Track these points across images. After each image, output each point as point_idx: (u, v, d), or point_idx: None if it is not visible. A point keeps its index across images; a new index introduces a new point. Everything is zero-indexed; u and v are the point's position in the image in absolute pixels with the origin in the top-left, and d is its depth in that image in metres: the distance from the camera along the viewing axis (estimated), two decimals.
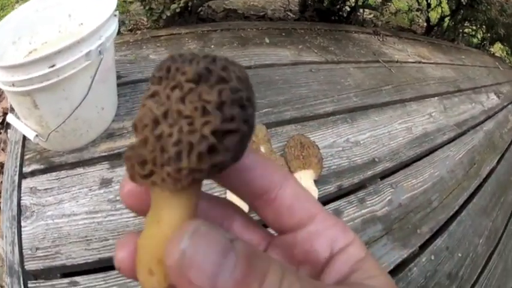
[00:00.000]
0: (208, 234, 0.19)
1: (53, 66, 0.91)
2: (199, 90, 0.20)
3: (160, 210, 0.22)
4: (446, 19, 3.28)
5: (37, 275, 0.94)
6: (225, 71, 0.21)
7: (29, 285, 0.91)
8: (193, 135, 0.20)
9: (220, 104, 0.20)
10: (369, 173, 1.38)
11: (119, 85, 1.31)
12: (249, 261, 0.19)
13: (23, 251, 0.96)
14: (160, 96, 0.21)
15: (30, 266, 0.93)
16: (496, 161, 1.93)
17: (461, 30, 3.44)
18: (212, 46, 1.73)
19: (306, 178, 1.18)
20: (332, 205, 1.23)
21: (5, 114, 1.65)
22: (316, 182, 1.21)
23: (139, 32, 1.68)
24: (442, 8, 3.21)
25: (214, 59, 0.21)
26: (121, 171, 1.13)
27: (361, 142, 1.49)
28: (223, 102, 0.20)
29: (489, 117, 2.24)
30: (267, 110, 1.46)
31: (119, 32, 1.15)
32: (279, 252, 0.28)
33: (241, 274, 0.18)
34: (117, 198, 1.07)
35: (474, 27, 3.47)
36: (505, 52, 3.87)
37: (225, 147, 0.20)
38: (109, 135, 1.22)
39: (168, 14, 1.66)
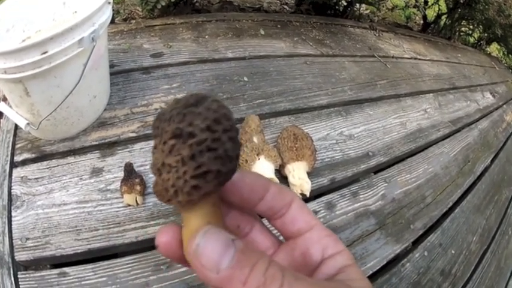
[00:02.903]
0: (215, 234, 0.27)
1: (45, 52, 0.89)
2: (177, 146, 0.27)
3: (184, 219, 0.30)
4: (443, 17, 3.28)
5: (27, 265, 0.93)
6: (191, 126, 0.27)
7: (19, 276, 0.90)
8: (180, 180, 0.27)
9: (192, 156, 0.27)
10: (363, 166, 1.37)
11: (111, 74, 1.30)
12: (243, 254, 0.26)
13: (13, 241, 0.94)
14: (158, 149, 0.29)
15: (20, 256, 0.92)
16: (490, 159, 1.94)
17: (457, 29, 3.44)
18: (206, 36, 1.72)
19: (298, 170, 1.17)
20: (325, 198, 1.22)
21: None
22: (309, 174, 1.20)
23: (133, 21, 1.67)
24: (439, 6, 3.21)
25: (184, 114, 0.28)
26: (112, 161, 1.12)
27: (355, 136, 1.48)
28: (193, 155, 0.27)
29: (484, 116, 2.25)
30: (260, 101, 1.46)
31: (113, 22, 1.14)
32: (284, 254, 0.35)
33: (237, 261, 0.25)
34: (108, 187, 1.06)
35: (471, 27, 3.47)
36: (501, 52, 3.88)
37: (205, 181, 0.27)
38: (100, 124, 1.20)
39: (163, 3, 1.65)
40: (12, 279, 0.88)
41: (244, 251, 0.26)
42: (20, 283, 0.88)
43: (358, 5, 2.67)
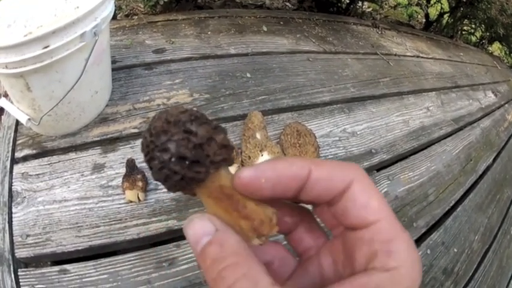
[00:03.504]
0: (200, 220, 0.29)
1: (47, 47, 0.89)
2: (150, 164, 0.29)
3: None
4: (446, 16, 3.27)
5: (27, 262, 0.93)
6: (164, 151, 0.28)
7: (19, 273, 0.89)
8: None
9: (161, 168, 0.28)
10: (366, 164, 1.36)
11: (113, 70, 1.29)
12: (219, 237, 0.27)
13: (14, 238, 0.94)
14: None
15: (20, 253, 0.92)
16: (492, 158, 1.93)
17: (460, 28, 3.43)
18: (209, 33, 1.71)
19: None
20: None
21: None
22: None
23: (135, 17, 1.66)
24: (441, 4, 3.20)
25: (156, 144, 0.29)
26: (113, 157, 1.11)
27: (358, 133, 1.47)
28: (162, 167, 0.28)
29: (486, 115, 2.24)
30: (263, 97, 1.45)
31: (115, 18, 1.13)
32: (326, 256, 0.31)
33: (214, 241, 0.27)
34: (109, 184, 1.05)
35: (473, 26, 3.46)
36: (503, 52, 3.87)
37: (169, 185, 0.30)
38: (102, 119, 1.20)
39: None
40: (13, 276, 0.88)
41: (221, 236, 0.28)
42: (20, 280, 0.88)
43: (360, 2, 2.66)
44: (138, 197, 1.01)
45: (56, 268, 0.90)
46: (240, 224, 0.29)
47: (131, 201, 1.01)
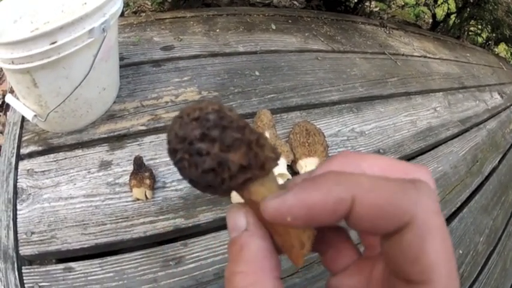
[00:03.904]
0: (234, 213, 0.28)
1: (54, 42, 0.88)
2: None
3: None
4: (452, 16, 3.26)
5: (31, 260, 0.92)
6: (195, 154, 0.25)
7: (23, 270, 0.88)
8: None
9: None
10: None
11: (121, 67, 1.28)
12: (243, 240, 0.27)
13: (18, 235, 0.93)
14: None
15: (24, 250, 0.91)
16: (498, 160, 1.92)
17: (466, 29, 3.42)
18: (217, 30, 1.70)
19: (311, 166, 1.15)
20: None
21: (4, 96, 1.63)
22: None
23: (143, 14, 1.65)
24: (448, 4, 3.19)
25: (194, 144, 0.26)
26: (120, 154, 1.10)
27: (366, 132, 1.46)
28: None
29: (492, 116, 2.23)
30: (272, 95, 1.44)
31: (122, 15, 1.12)
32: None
33: (237, 241, 0.27)
34: (116, 181, 1.04)
35: (480, 26, 3.44)
36: (509, 53, 3.86)
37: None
38: (109, 116, 1.19)
39: None
40: (16, 273, 0.87)
41: (244, 234, 0.27)
42: (24, 278, 0.87)
43: (368, 1, 2.65)
44: (146, 195, 1.00)
45: (61, 266, 0.89)
46: (272, 236, 0.28)
47: (138, 199, 1.01)
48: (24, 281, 0.87)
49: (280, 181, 1.12)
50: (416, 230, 0.22)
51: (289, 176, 1.11)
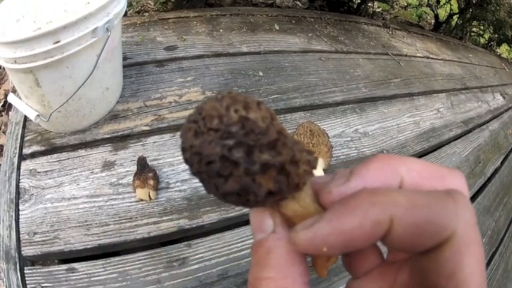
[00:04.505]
0: (259, 212, 0.26)
1: (58, 42, 0.87)
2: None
3: None
4: (455, 17, 3.25)
5: (34, 260, 0.92)
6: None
7: (26, 271, 0.88)
8: None
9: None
10: None
11: (124, 66, 1.28)
12: (270, 243, 0.25)
13: (20, 235, 0.93)
14: None
15: (27, 251, 0.90)
16: (500, 161, 1.91)
17: (468, 29, 3.41)
18: (221, 30, 1.70)
19: None
20: None
21: (6, 96, 1.63)
22: (325, 171, 1.18)
23: (146, 14, 1.64)
24: (451, 5, 3.19)
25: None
26: (124, 154, 1.10)
27: (370, 133, 1.46)
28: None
29: (494, 117, 2.22)
30: (276, 96, 1.44)
31: (125, 14, 1.11)
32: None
33: (264, 244, 0.25)
34: (120, 181, 1.04)
35: (482, 27, 3.44)
36: (511, 54, 3.85)
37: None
38: (113, 116, 1.18)
39: None
40: (19, 274, 0.87)
41: (270, 237, 0.26)
42: (26, 279, 0.87)
43: (371, 2, 2.65)
44: (149, 196, 1.00)
45: (64, 267, 0.89)
46: None
47: (142, 200, 1.00)
48: (27, 282, 0.86)
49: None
50: (455, 246, 0.22)
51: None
